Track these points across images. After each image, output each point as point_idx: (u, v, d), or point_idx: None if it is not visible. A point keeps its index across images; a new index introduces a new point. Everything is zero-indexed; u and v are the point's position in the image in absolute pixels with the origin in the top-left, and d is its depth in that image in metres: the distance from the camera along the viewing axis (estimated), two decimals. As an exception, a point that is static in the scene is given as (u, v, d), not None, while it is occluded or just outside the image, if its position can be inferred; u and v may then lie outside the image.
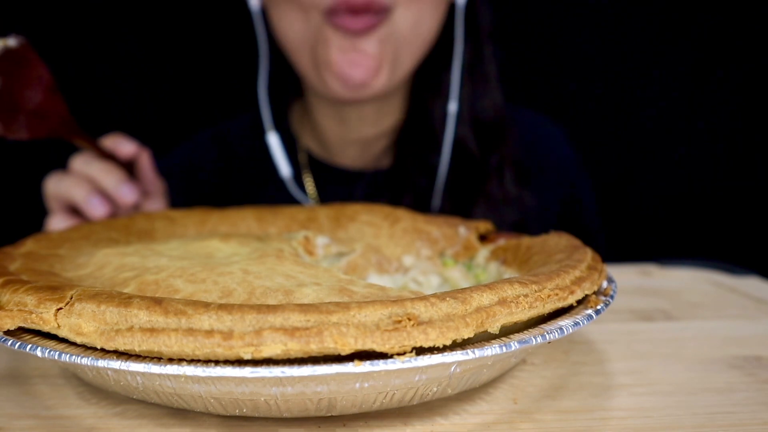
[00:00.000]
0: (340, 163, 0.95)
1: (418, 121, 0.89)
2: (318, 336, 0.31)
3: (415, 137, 0.90)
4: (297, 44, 0.81)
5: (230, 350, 0.31)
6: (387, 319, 0.32)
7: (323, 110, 0.92)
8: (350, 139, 0.93)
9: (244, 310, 0.32)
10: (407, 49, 0.80)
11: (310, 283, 0.41)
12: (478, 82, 0.89)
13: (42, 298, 0.35)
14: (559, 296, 0.40)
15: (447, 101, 0.87)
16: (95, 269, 0.46)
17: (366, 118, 0.90)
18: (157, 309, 0.32)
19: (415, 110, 0.89)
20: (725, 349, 0.51)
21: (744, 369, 0.47)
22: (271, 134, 0.90)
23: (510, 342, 0.35)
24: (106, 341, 0.32)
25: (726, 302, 0.65)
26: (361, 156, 0.94)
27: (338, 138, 0.93)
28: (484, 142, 0.89)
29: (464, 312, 0.34)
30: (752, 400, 0.42)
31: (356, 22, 0.74)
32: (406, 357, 0.32)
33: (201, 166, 0.99)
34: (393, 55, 0.79)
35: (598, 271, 0.46)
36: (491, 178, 0.88)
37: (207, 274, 0.42)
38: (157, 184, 0.76)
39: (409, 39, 0.79)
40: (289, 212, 0.66)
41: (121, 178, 0.69)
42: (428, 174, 0.88)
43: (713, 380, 0.45)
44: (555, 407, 0.41)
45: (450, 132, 0.87)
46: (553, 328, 0.37)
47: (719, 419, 0.39)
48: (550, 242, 0.55)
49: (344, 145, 0.94)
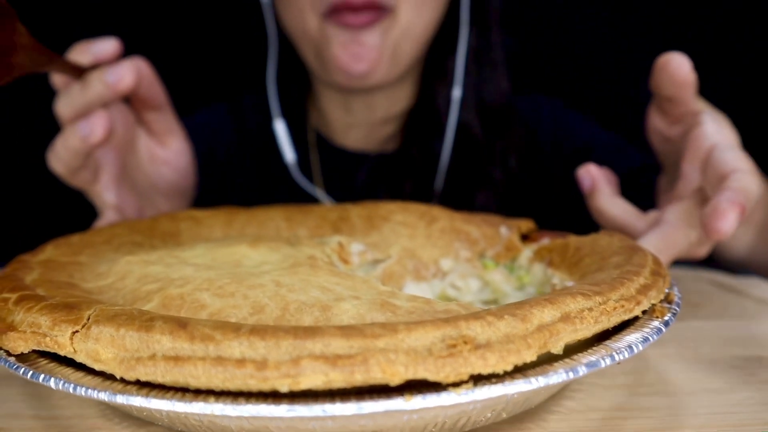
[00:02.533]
0: (345, 145, 0.95)
1: (424, 106, 0.90)
2: (363, 365, 0.27)
3: (420, 122, 0.90)
4: (301, 39, 0.82)
5: (265, 382, 0.27)
6: (440, 343, 0.29)
7: (328, 97, 0.93)
8: (355, 122, 0.93)
9: (279, 335, 0.28)
10: (408, 40, 0.81)
11: (348, 296, 0.37)
12: (484, 67, 0.89)
13: (57, 318, 0.32)
14: (625, 308, 0.36)
15: (452, 86, 0.88)
16: (116, 279, 0.43)
17: (374, 105, 0.91)
18: (181, 334, 0.29)
19: (423, 95, 0.90)
20: (726, 349, 0.51)
21: (745, 369, 0.47)
22: (277, 121, 0.91)
23: (577, 366, 0.31)
24: (125, 371, 0.29)
25: (726, 302, 0.64)
26: (366, 139, 0.94)
27: (344, 123, 0.94)
28: (489, 127, 0.89)
29: (525, 332, 0.31)
30: (753, 400, 0.42)
31: (357, 17, 0.76)
32: (463, 389, 0.28)
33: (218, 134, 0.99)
34: (394, 46, 0.80)
35: (662, 277, 0.41)
36: (495, 164, 0.89)
37: (236, 287, 0.38)
38: (161, 92, 0.67)
39: (410, 31, 0.80)
40: (320, 212, 0.63)
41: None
42: (431, 159, 0.89)
43: (714, 380, 0.45)
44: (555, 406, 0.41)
45: (454, 117, 0.87)
46: (622, 347, 0.33)
47: (720, 419, 0.39)
48: (601, 242, 0.51)
49: (349, 129, 0.94)
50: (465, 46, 0.87)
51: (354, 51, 0.77)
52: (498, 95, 0.90)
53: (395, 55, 0.80)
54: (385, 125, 0.92)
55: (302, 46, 0.83)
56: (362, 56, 0.77)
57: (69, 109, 0.59)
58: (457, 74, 0.87)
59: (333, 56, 0.78)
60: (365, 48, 0.77)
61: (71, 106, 0.59)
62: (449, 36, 0.87)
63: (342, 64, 0.78)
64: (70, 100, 0.59)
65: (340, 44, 0.77)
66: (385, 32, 0.78)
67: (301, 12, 0.79)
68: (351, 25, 0.76)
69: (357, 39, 0.77)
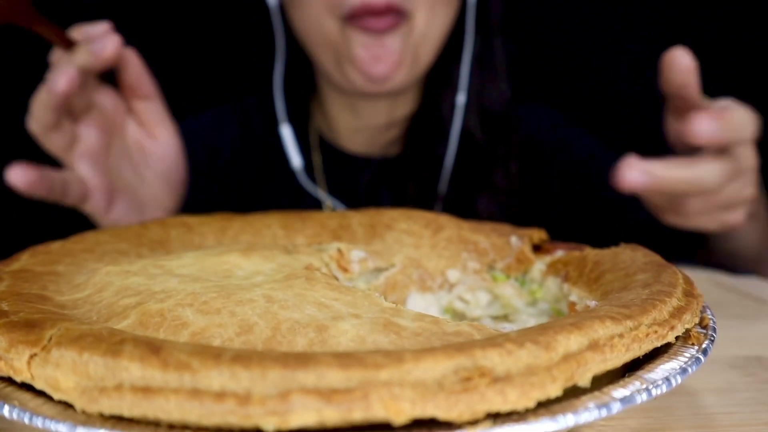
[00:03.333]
0: (349, 149, 0.96)
1: (428, 111, 0.91)
2: (363, 401, 0.23)
3: (424, 127, 0.91)
4: (317, 42, 0.82)
5: (247, 419, 0.23)
6: (452, 375, 0.25)
7: (335, 101, 0.93)
8: (360, 127, 0.94)
9: (265, 364, 0.24)
10: (425, 44, 0.82)
11: (347, 314, 0.33)
12: (486, 74, 0.91)
13: (14, 339, 0.28)
14: (658, 334, 0.32)
15: (456, 93, 0.89)
16: (93, 292, 0.39)
17: (379, 110, 0.92)
18: (153, 361, 0.25)
19: (427, 101, 0.91)
20: (725, 349, 0.50)
21: (744, 369, 0.47)
22: (284, 126, 0.91)
23: (611, 403, 0.27)
24: (87, 402, 0.25)
25: (726, 302, 0.64)
26: (370, 143, 0.95)
27: (349, 126, 0.95)
28: (491, 132, 0.91)
29: (549, 362, 0.27)
30: (753, 400, 0.42)
31: (379, 21, 0.76)
32: (480, 429, 0.24)
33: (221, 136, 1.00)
34: (413, 51, 0.81)
35: (695, 298, 0.38)
36: (497, 169, 0.90)
37: (223, 303, 0.34)
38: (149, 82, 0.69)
39: (427, 35, 0.81)
40: (319, 218, 0.59)
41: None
42: (434, 163, 0.90)
43: (713, 380, 0.45)
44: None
45: (458, 122, 0.89)
46: (659, 380, 0.29)
47: (719, 419, 0.39)
48: (623, 257, 0.47)
49: (354, 132, 0.95)
50: (470, 53, 0.89)
51: (375, 53, 0.78)
52: (500, 101, 0.91)
53: (414, 59, 0.82)
54: (389, 130, 0.93)
55: (318, 49, 0.83)
56: (384, 58, 0.78)
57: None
58: (461, 81, 0.89)
59: (354, 58, 0.79)
60: (387, 50, 0.78)
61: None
62: (453, 43, 0.88)
63: (363, 65, 0.78)
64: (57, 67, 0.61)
65: (361, 46, 0.78)
66: (405, 37, 0.79)
67: (319, 15, 0.79)
68: (373, 29, 0.77)
69: (379, 42, 0.78)
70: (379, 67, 0.78)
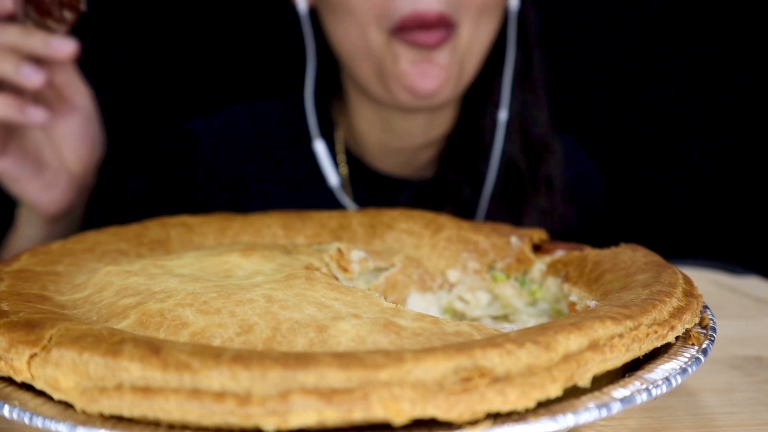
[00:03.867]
0: (378, 166, 0.91)
1: (467, 129, 0.88)
2: (363, 401, 0.23)
3: (463, 145, 0.88)
4: (358, 54, 0.78)
5: (247, 419, 0.23)
6: (452, 376, 0.25)
7: (366, 115, 0.88)
8: (393, 147, 0.89)
9: (265, 364, 0.24)
10: (470, 58, 0.80)
11: (347, 315, 0.33)
12: (526, 90, 0.88)
13: (14, 339, 0.28)
14: (658, 334, 0.32)
15: (497, 109, 0.86)
16: (93, 292, 0.39)
17: (416, 127, 0.87)
18: (153, 361, 0.25)
19: (466, 118, 0.88)
20: (726, 349, 0.50)
21: (744, 369, 0.47)
22: (317, 141, 0.86)
23: (611, 403, 0.27)
24: (87, 402, 0.25)
25: (727, 302, 0.64)
26: (404, 164, 0.90)
27: (380, 145, 0.90)
28: (532, 154, 0.88)
29: (549, 362, 0.27)
30: (753, 400, 0.42)
31: (429, 36, 0.73)
32: (480, 429, 0.24)
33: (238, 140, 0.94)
34: (459, 65, 0.78)
35: (695, 298, 0.37)
36: (540, 190, 0.87)
37: (223, 303, 0.34)
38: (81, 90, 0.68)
39: (472, 48, 0.79)
40: (319, 219, 0.59)
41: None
42: (474, 183, 0.86)
43: (714, 380, 0.45)
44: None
45: (500, 140, 0.85)
46: (658, 380, 0.29)
47: (719, 419, 0.39)
48: (624, 257, 0.47)
49: (385, 151, 0.90)
50: (512, 67, 0.85)
51: (424, 69, 0.75)
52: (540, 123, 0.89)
53: (460, 73, 0.79)
54: (423, 151, 0.89)
55: (357, 62, 0.79)
56: (432, 75, 0.75)
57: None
58: (503, 96, 0.85)
59: (401, 74, 0.75)
60: (436, 67, 0.75)
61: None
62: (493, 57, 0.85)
63: (411, 82, 0.75)
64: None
65: (409, 62, 0.75)
66: (452, 51, 0.76)
67: (363, 27, 0.75)
68: (422, 44, 0.73)
69: (427, 58, 0.75)
70: (427, 83, 0.75)
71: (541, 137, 0.88)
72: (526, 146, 0.87)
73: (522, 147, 0.87)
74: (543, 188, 0.87)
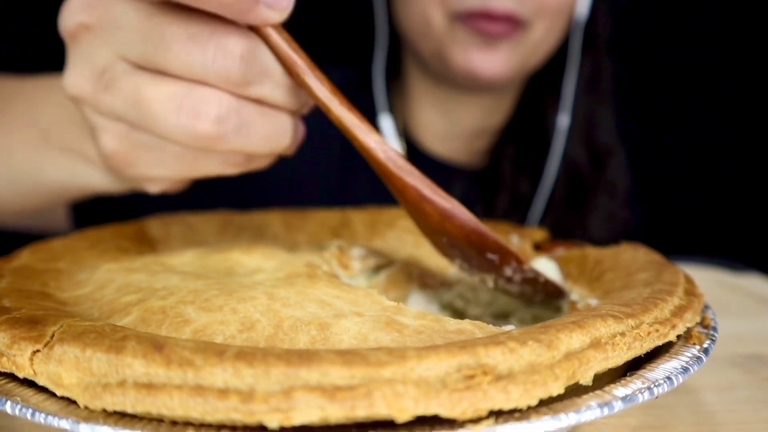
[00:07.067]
0: (432, 150, 0.90)
1: (526, 124, 0.88)
2: (366, 398, 0.23)
3: (520, 141, 0.88)
4: (420, 33, 0.79)
5: (251, 416, 0.23)
6: (456, 373, 0.25)
7: (426, 98, 0.88)
8: (449, 131, 0.89)
9: (269, 362, 0.24)
10: (535, 56, 0.80)
11: (349, 312, 0.33)
12: (593, 98, 0.88)
13: (16, 335, 0.28)
14: (659, 332, 0.32)
15: (558, 111, 0.86)
16: (95, 289, 0.39)
17: (473, 112, 0.88)
18: (156, 357, 0.25)
19: (525, 113, 0.88)
20: (726, 347, 0.49)
21: (745, 367, 0.47)
22: (384, 116, 0.85)
23: (612, 401, 0.27)
24: (90, 398, 0.25)
25: (727, 300, 0.64)
26: (457, 151, 0.90)
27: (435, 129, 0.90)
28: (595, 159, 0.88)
29: (551, 360, 0.27)
30: (753, 398, 0.42)
31: (494, 26, 0.73)
32: (482, 427, 0.24)
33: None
34: (522, 59, 0.78)
35: (696, 297, 0.38)
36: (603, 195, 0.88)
37: (225, 300, 0.34)
38: None
39: (539, 48, 0.79)
40: (320, 217, 0.59)
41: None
42: (531, 179, 0.87)
43: (714, 378, 0.45)
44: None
45: (560, 143, 0.86)
46: (660, 379, 0.29)
47: (720, 417, 0.39)
48: (625, 256, 0.47)
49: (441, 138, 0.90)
50: (575, 72, 0.85)
51: (484, 55, 0.75)
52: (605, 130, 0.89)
53: (521, 68, 0.79)
54: (477, 139, 0.89)
55: (418, 41, 0.80)
56: (491, 62, 0.75)
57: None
58: (565, 100, 0.85)
59: (460, 57, 0.76)
60: (496, 55, 0.75)
61: None
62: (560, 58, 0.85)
63: (469, 66, 0.76)
64: None
65: (470, 45, 0.75)
66: (517, 45, 0.76)
67: (427, 8, 0.75)
68: (485, 31, 0.73)
69: (490, 45, 0.75)
70: (486, 69, 0.75)
71: (605, 143, 0.89)
72: (590, 151, 0.88)
73: (586, 151, 0.87)
74: (606, 193, 0.87)
